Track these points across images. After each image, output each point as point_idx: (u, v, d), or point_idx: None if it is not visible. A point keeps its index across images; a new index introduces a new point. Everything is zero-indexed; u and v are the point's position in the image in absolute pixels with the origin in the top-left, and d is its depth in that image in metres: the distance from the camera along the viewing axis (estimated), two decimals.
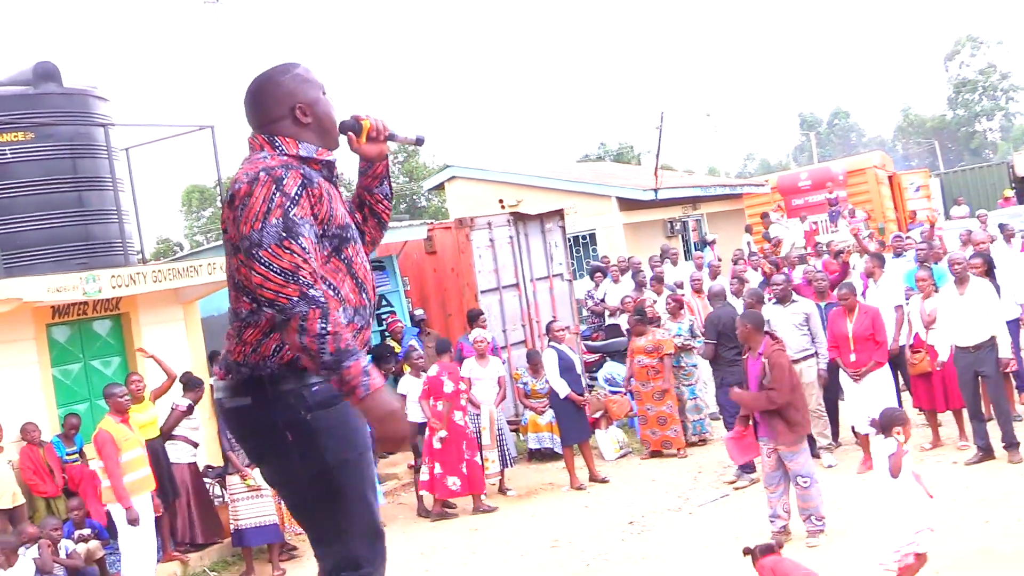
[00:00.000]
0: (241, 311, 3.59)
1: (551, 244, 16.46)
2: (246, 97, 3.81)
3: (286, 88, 3.75)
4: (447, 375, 12.36)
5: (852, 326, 11.23)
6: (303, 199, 3.51)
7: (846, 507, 9.93)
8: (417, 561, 10.78)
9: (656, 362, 13.34)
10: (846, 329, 11.26)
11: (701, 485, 11.75)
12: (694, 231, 25.94)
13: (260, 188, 3.45)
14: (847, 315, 11.34)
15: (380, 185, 4.04)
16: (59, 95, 11.11)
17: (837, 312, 11.54)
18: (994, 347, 10.65)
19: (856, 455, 11.42)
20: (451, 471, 12.10)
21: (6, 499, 10.39)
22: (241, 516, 10.85)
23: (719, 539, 9.83)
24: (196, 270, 11.99)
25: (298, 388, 3.56)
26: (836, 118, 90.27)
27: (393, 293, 15.66)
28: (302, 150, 3.69)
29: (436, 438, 12.07)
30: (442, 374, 12.36)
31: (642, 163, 44.02)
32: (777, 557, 7.05)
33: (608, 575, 9.41)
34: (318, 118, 3.77)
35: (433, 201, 49.27)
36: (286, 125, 3.72)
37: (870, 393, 11.14)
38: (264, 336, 3.54)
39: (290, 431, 3.56)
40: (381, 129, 3.94)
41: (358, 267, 3.72)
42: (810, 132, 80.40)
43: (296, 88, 3.76)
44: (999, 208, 30.33)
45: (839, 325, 11.37)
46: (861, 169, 29.99)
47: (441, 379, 12.29)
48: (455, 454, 12.10)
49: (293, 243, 3.41)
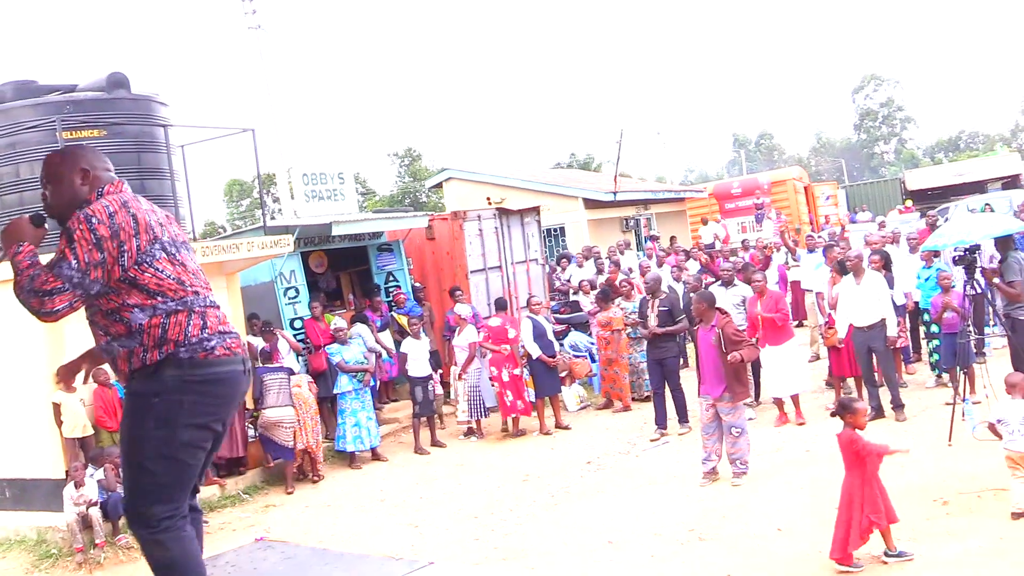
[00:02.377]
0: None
1: (528, 235, 16.46)
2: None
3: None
4: (509, 324, 13.00)
5: (761, 308, 11.27)
6: None
7: (763, 453, 9.98)
8: (413, 489, 10.78)
9: (608, 334, 13.39)
10: (756, 310, 11.31)
11: (645, 432, 11.76)
12: (645, 227, 25.90)
13: None
14: (758, 298, 11.38)
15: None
16: (128, 100, 11.00)
17: (752, 298, 11.56)
18: (883, 327, 10.72)
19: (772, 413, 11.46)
20: (518, 396, 12.67)
21: (78, 430, 10.34)
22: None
23: (660, 476, 9.87)
24: (237, 247, 11.92)
25: None
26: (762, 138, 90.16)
27: (399, 271, 15.60)
28: None
29: (507, 371, 12.61)
30: (504, 324, 12.95)
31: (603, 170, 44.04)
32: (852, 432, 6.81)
33: (569, 504, 9.41)
34: None
35: (432, 197, 49.05)
36: None
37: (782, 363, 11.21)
38: None
39: None
40: None
41: None
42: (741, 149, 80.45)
43: None
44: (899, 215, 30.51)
45: (752, 307, 11.41)
46: (783, 180, 30.01)
47: (505, 327, 12.86)
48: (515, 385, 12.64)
49: None
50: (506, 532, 8.74)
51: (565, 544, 8.13)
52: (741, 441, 9.25)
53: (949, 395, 10.35)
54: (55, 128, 10.32)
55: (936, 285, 11.32)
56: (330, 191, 14.89)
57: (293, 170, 14.80)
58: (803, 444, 10.25)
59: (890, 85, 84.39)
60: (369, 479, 11.51)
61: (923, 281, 11.79)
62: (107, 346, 3.84)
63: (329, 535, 9.16)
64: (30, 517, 10.33)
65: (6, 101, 10.79)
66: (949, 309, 10.72)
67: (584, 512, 9.01)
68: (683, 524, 8.17)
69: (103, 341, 3.87)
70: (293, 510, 10.53)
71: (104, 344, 3.86)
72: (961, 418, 9.14)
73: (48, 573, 9.30)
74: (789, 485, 8.86)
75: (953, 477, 7.87)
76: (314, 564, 4.72)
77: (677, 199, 29.06)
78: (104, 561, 9.28)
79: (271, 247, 12.46)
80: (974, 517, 7.27)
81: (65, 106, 10.59)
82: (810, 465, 9.42)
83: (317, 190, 14.72)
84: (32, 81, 11.07)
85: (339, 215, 14.58)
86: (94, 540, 9.45)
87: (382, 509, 10.16)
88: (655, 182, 38.86)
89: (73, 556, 9.39)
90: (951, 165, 46.44)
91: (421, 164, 60.69)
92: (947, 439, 8.98)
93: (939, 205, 31.36)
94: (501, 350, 12.69)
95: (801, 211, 29.37)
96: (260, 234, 13.27)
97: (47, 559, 9.54)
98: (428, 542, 8.63)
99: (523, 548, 8.17)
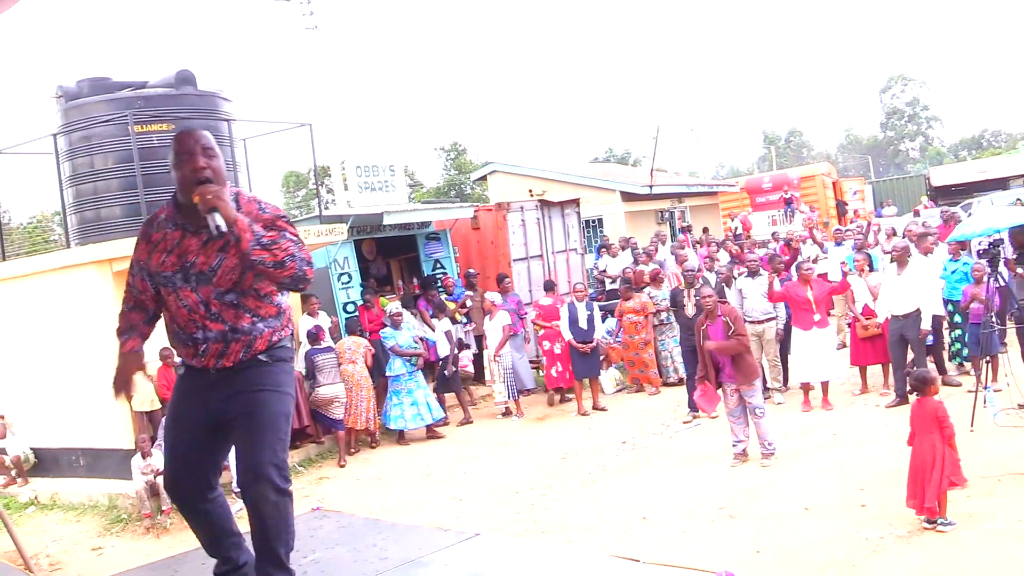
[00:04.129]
0: None
1: (569, 225, 16.42)
2: None
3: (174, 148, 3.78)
4: (559, 303, 13.33)
5: (813, 293, 11.12)
6: (138, 247, 3.88)
7: (791, 436, 9.91)
8: (457, 465, 10.83)
9: (641, 319, 13.33)
10: (807, 294, 11.14)
11: (679, 415, 11.72)
12: (679, 219, 25.74)
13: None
14: (807, 284, 11.21)
15: (247, 256, 3.66)
16: (194, 95, 11.12)
17: (797, 283, 11.39)
18: (919, 317, 10.57)
19: (800, 397, 11.36)
20: (565, 367, 13.00)
21: (146, 404, 10.50)
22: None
23: (692, 456, 9.84)
24: None
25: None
26: (792, 135, 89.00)
27: (446, 259, 15.65)
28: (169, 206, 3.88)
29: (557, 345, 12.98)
30: (555, 303, 13.32)
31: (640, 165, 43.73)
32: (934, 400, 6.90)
33: (606, 482, 9.41)
34: (176, 184, 3.79)
35: (476, 189, 49.00)
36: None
37: (814, 350, 11.09)
38: None
39: None
40: (204, 203, 3.60)
41: (171, 304, 3.82)
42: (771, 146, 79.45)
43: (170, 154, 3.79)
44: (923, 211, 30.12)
45: (801, 291, 11.21)
46: (812, 176, 29.74)
47: (556, 306, 13.20)
48: (565, 358, 12.95)
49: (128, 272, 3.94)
50: (545, 507, 8.75)
51: (601, 519, 8.13)
52: (763, 422, 9.23)
53: (971, 383, 10.22)
54: (127, 122, 10.46)
55: (964, 277, 11.14)
56: (381, 182, 14.95)
57: (347, 162, 14.87)
58: (830, 428, 10.16)
59: (916, 85, 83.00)
60: (416, 455, 11.58)
61: (949, 273, 11.60)
62: (250, 327, 3.78)
63: (379, 507, 9.24)
64: (102, 484, 10.53)
65: (82, 97, 10.95)
66: (976, 300, 10.55)
67: (619, 489, 9.00)
68: (714, 502, 8.14)
69: (247, 323, 3.78)
70: (345, 483, 10.62)
71: (247, 325, 3.78)
72: (983, 405, 9.01)
73: (119, 536, 9.47)
74: (816, 467, 8.78)
75: (974, 461, 7.75)
76: (368, 533, 4.75)
77: (710, 192, 28.84)
78: (170, 527, 9.42)
79: (326, 235, 12.55)
80: (994, 500, 7.17)
81: (136, 101, 10.73)
82: (837, 448, 9.34)
83: (369, 181, 14.78)
84: (106, 78, 11.22)
85: (390, 205, 14.64)
86: (160, 507, 9.61)
87: (428, 483, 10.22)
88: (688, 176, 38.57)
89: (141, 521, 9.56)
90: (975, 162, 45.73)
91: (466, 158, 60.60)
92: (969, 425, 8.85)
93: (962, 201, 30.94)
94: (552, 326, 13.01)
95: (829, 205, 29.08)
96: (316, 223, 13.38)
97: (118, 523, 9.72)
98: (472, 515, 8.67)
99: (562, 523, 8.19)
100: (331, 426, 11.64)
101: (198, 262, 3.72)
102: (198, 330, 3.76)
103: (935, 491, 6.65)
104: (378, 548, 4.42)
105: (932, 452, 6.69)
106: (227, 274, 3.74)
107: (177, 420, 3.96)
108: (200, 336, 3.75)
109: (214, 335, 3.75)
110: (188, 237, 3.74)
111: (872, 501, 7.56)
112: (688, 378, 11.71)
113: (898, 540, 6.67)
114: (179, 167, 3.72)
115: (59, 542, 9.54)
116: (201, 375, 3.85)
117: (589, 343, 12.72)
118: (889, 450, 8.75)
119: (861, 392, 11.48)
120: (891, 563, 6.31)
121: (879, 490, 7.76)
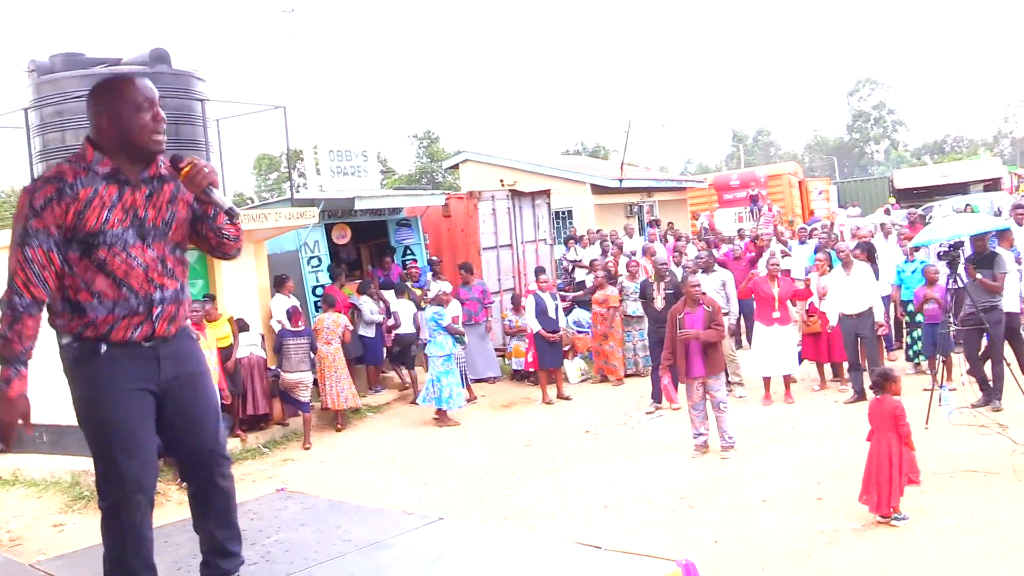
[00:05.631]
0: None
1: (539, 216, 16.42)
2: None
3: (104, 100, 3.37)
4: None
5: (778, 289, 11.22)
6: (47, 211, 3.22)
7: (751, 429, 9.99)
8: (422, 450, 10.81)
9: (605, 311, 13.38)
10: (772, 291, 11.23)
11: (642, 405, 11.77)
12: (648, 214, 25.84)
13: (23, 194, 3.25)
14: (773, 280, 11.31)
15: (210, 219, 3.53)
16: (169, 74, 10.94)
17: (764, 279, 11.48)
18: (871, 315, 10.73)
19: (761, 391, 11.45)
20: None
21: None
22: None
23: (654, 447, 9.90)
24: (265, 217, 11.93)
25: (62, 344, 3.47)
26: (760, 134, 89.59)
27: (416, 245, 15.62)
28: (93, 159, 3.33)
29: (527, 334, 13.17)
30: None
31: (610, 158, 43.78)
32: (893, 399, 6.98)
33: (568, 470, 9.44)
34: (121, 133, 3.35)
35: (448, 178, 48.87)
36: (95, 132, 3.38)
37: (775, 344, 11.19)
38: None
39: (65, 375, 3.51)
40: (199, 180, 3.41)
41: (116, 266, 3.32)
42: (739, 144, 79.97)
43: (112, 101, 3.35)
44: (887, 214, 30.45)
45: (767, 287, 11.30)
46: (779, 175, 30.00)
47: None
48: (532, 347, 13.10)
49: (20, 251, 3.21)
50: (508, 493, 8.77)
51: (564, 507, 8.16)
52: (726, 415, 9.30)
53: (926, 382, 10.36)
54: None
55: (920, 278, 11.29)
56: (354, 167, 14.87)
57: (320, 146, 14.76)
58: (789, 423, 10.26)
59: (883, 89, 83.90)
60: (381, 439, 11.55)
61: (908, 275, 11.75)
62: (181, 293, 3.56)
63: (344, 489, 9.20)
64: (65, 461, 10.39)
65: (55, 72, 10.76)
66: (931, 300, 10.71)
67: (582, 478, 9.03)
68: (674, 492, 8.19)
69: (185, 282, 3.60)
70: (310, 465, 10.57)
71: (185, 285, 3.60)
72: (938, 403, 9.14)
73: (81, 513, 9.36)
74: (775, 460, 8.87)
75: (928, 459, 7.85)
76: (332, 515, 4.73)
77: (679, 188, 28.97)
78: None
79: (297, 218, 12.46)
80: (946, 496, 7.28)
81: None
82: (796, 442, 9.44)
83: (342, 166, 14.69)
84: (79, 54, 11.02)
85: (362, 190, 14.57)
86: None
87: (393, 468, 10.20)
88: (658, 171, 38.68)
89: None
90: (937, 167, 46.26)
91: (438, 146, 60.46)
92: (924, 423, 8.97)
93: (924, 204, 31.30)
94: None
95: (795, 204, 29.32)
96: (287, 206, 13.27)
97: (80, 500, 9.60)
98: (435, 500, 8.66)
99: (524, 509, 8.20)
100: (297, 408, 11.58)
101: (150, 215, 3.41)
102: (156, 290, 3.41)
103: (893, 491, 6.73)
104: (342, 530, 4.40)
105: (888, 451, 6.78)
106: (180, 227, 3.52)
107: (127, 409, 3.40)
108: (158, 297, 3.40)
109: (170, 295, 3.47)
110: (129, 191, 3.37)
111: (829, 494, 7.65)
112: (653, 369, 11.77)
113: (853, 533, 6.76)
114: (139, 114, 3.35)
115: (20, 518, 9.41)
116: (137, 351, 3.42)
117: (556, 332, 12.75)
118: (846, 445, 8.85)
119: (821, 388, 11.60)
120: (846, 555, 6.39)
121: (836, 484, 7.85)
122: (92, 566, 4.29)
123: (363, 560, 3.97)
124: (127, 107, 3.34)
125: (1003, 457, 8.00)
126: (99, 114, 3.37)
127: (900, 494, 6.80)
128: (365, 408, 12.78)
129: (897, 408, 6.85)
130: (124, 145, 3.37)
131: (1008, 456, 7.98)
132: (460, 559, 3.96)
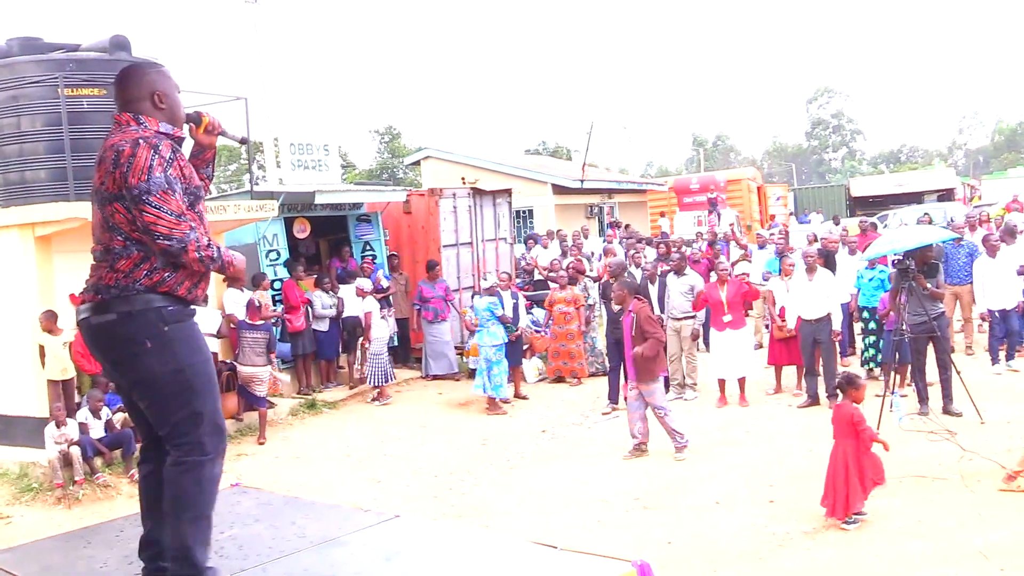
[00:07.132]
0: (114, 247, 3.51)
1: (500, 215, 16.40)
2: (116, 80, 3.75)
3: (149, 78, 3.72)
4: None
5: (726, 294, 11.31)
6: (174, 163, 3.52)
7: (706, 432, 10.07)
8: (377, 446, 10.78)
9: (572, 311, 13.40)
10: (720, 296, 11.34)
11: (598, 406, 11.82)
12: (608, 215, 25.95)
13: (142, 151, 3.42)
14: (723, 284, 11.42)
15: (205, 168, 3.91)
16: (128, 62, 10.78)
17: (713, 284, 11.62)
18: (829, 321, 10.83)
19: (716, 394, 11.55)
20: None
21: (60, 373, 10.21)
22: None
23: (609, 447, 9.93)
24: (224, 209, 11.81)
25: (160, 307, 3.51)
26: (720, 139, 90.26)
27: (376, 241, 15.55)
28: (161, 127, 3.65)
29: None
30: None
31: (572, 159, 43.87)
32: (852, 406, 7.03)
33: (524, 469, 9.45)
34: (170, 106, 3.73)
35: (410, 174, 48.68)
36: (147, 107, 3.67)
37: (731, 348, 11.28)
38: (135, 265, 3.48)
39: (149, 340, 3.49)
40: (216, 125, 3.91)
41: (204, 218, 3.69)
42: (699, 148, 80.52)
43: (156, 80, 3.73)
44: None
45: (716, 292, 11.42)
46: (738, 179, 30.25)
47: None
48: None
49: (170, 195, 3.43)
50: (463, 492, 8.76)
51: (519, 505, 8.17)
52: (668, 419, 9.31)
53: (878, 388, 10.50)
54: (57, 84, 10.14)
55: (880, 284, 11.43)
56: (315, 161, 14.78)
57: (280, 139, 14.66)
58: (743, 426, 10.35)
59: (841, 97, 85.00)
60: (335, 434, 11.47)
61: (866, 282, 11.90)
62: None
63: (298, 485, 9.13)
64: (13, 452, 10.21)
65: (12, 56, 10.57)
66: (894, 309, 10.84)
67: (538, 477, 9.05)
68: (629, 493, 8.24)
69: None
70: (264, 460, 10.48)
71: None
72: (889, 409, 9.27)
73: (29, 506, 9.20)
74: (729, 463, 8.95)
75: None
76: (287, 510, 4.69)
77: (639, 190, 29.13)
78: (82, 497, 9.20)
79: (256, 211, 12.36)
80: (895, 500, 7.39)
81: (68, 64, 10.38)
82: (749, 445, 9.53)
83: (303, 159, 14.60)
84: (37, 39, 10.84)
85: (322, 185, 14.48)
86: (73, 477, 9.37)
87: (347, 464, 10.14)
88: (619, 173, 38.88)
89: (53, 491, 9.30)
90: (892, 176, 47.05)
91: (400, 142, 60.20)
92: (875, 428, 9.08)
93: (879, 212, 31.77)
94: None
95: (753, 209, 29.60)
96: (247, 198, 13.15)
97: (28, 492, 9.44)
98: (390, 497, 8.64)
99: (479, 507, 8.20)
100: (253, 404, 11.47)
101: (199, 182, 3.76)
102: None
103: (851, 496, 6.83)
104: (297, 526, 4.36)
105: (845, 456, 6.87)
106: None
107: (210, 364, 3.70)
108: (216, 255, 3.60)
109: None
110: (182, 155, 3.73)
111: (781, 497, 7.73)
112: (611, 370, 11.81)
113: (804, 536, 6.84)
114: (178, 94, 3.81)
115: None
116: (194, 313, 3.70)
117: (514, 332, 12.75)
118: (799, 449, 8.96)
119: (775, 392, 11.71)
120: (797, 557, 6.47)
121: (788, 487, 7.95)
122: (40, 559, 4.22)
123: (317, 557, 3.95)
124: (173, 87, 3.78)
125: (951, 463, 8.14)
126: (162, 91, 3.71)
127: (863, 497, 6.90)
128: (320, 404, 12.71)
129: (855, 414, 6.94)
130: (174, 117, 3.75)
131: (956, 462, 8.11)
132: (415, 557, 3.94)
